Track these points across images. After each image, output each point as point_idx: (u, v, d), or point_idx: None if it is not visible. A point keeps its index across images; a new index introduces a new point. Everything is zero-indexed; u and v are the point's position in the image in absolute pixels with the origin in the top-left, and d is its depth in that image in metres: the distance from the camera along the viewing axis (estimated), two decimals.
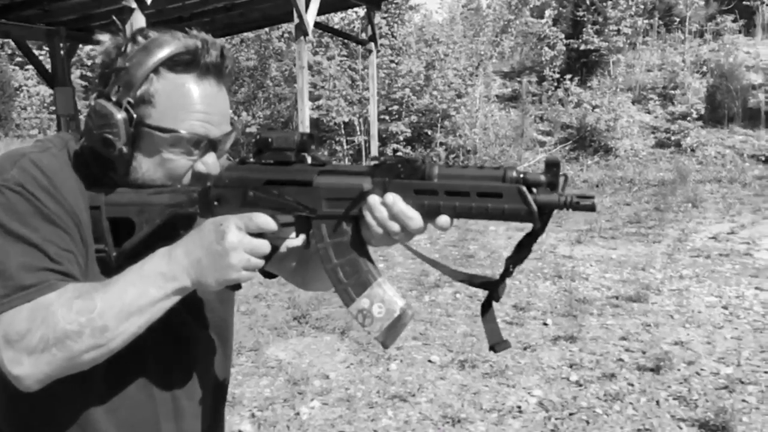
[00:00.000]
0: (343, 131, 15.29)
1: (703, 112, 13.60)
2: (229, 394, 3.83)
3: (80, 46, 10.39)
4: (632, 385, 3.86)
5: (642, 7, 16.01)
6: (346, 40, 14.89)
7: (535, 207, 0.88)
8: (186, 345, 1.19)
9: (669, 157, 13.18)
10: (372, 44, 10.53)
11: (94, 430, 1.09)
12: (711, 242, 7.16)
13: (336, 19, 15.67)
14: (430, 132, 14.88)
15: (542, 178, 0.88)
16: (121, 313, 0.94)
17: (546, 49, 15.67)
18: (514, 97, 15.91)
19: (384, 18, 15.20)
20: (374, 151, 11.33)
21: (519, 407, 3.65)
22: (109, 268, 1.05)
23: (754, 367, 4.03)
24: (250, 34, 16.16)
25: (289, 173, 1.03)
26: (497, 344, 1.00)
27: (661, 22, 17.39)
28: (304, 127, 7.96)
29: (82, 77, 28.21)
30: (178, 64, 1.02)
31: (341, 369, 4.24)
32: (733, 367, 4.03)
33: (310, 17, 7.65)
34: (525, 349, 4.45)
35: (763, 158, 12.48)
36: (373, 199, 0.95)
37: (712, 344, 4.40)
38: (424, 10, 16.93)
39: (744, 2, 18.16)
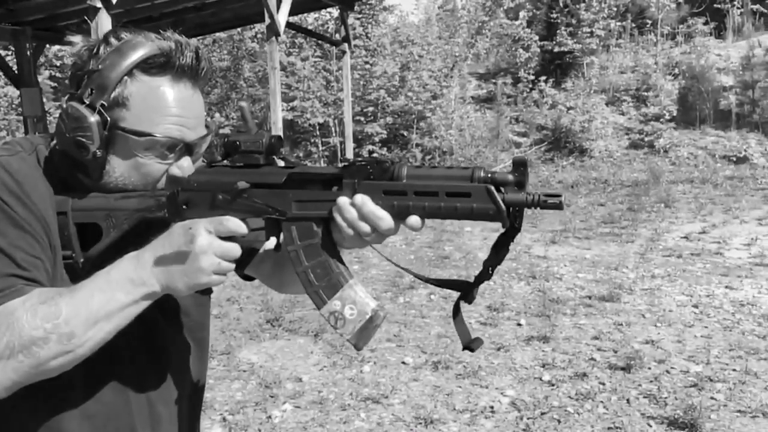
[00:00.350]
0: (318, 132, 15.25)
1: (675, 113, 13.78)
2: None
3: (47, 46, 10.19)
4: (603, 384, 3.87)
5: (615, 9, 16.19)
6: (320, 41, 14.84)
7: (503, 206, 0.87)
8: (162, 350, 1.17)
9: (642, 158, 13.33)
10: (345, 45, 10.50)
11: (64, 424, 1.07)
12: (683, 242, 7.24)
13: (310, 19, 15.61)
14: (406, 133, 14.90)
15: (510, 177, 0.88)
16: (89, 319, 0.92)
17: (521, 50, 15.77)
18: (490, 98, 15.99)
19: (358, 19, 15.18)
20: (349, 153, 11.30)
21: (491, 407, 3.64)
22: (77, 274, 1.03)
23: (723, 365, 4.07)
24: (222, 35, 16.05)
25: (258, 176, 1.01)
26: (471, 342, 0.99)
27: (633, 25, 17.59)
28: (277, 128, 7.91)
29: (51, 78, 27.82)
30: (152, 66, 1.00)
31: (314, 372, 4.20)
32: (702, 365, 4.07)
33: (282, 18, 7.59)
34: (498, 349, 4.45)
35: (734, 159, 12.67)
36: (343, 200, 0.94)
37: (683, 343, 4.43)
38: (398, 11, 16.91)
39: (715, 5, 18.46)
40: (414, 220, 0.92)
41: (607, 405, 3.62)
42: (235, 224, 0.95)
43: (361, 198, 0.93)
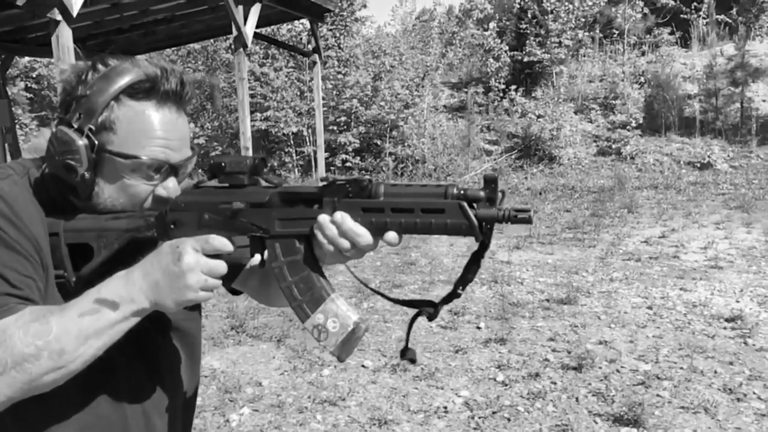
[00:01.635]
0: (292, 142, 15.32)
1: (641, 121, 14.07)
2: None
3: (15, 58, 10.17)
4: (555, 383, 3.99)
5: (583, 20, 16.49)
6: (293, 52, 14.94)
7: (475, 221, 0.92)
8: (156, 363, 1.21)
9: (610, 165, 13.59)
10: (316, 56, 10.60)
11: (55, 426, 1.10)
12: (642, 246, 7.42)
13: (283, 30, 15.70)
14: (379, 142, 15.02)
15: (481, 193, 0.93)
16: (79, 336, 0.95)
17: (491, 60, 16.00)
18: (462, 107, 16.18)
19: (330, 30, 15.31)
20: (321, 162, 11.38)
21: (445, 408, 3.74)
22: (69, 293, 1.06)
23: (671, 363, 4.21)
24: (196, 46, 16.09)
25: (242, 196, 1.05)
26: (406, 353, 1.05)
27: (602, 35, 17.92)
28: (246, 138, 7.97)
29: (27, 89, 27.60)
30: (138, 91, 1.04)
31: (275, 376, 4.28)
32: (651, 364, 4.21)
33: (249, 29, 7.68)
34: (456, 352, 4.55)
35: (698, 165, 12.96)
36: (323, 218, 0.98)
37: (634, 343, 4.57)
38: (370, 22, 17.07)
39: (681, 15, 18.87)
40: (391, 235, 0.96)
41: (556, 404, 3.74)
42: (221, 242, 1.00)
43: (340, 215, 0.97)
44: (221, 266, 1.00)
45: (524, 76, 16.07)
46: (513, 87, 15.38)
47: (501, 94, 15.64)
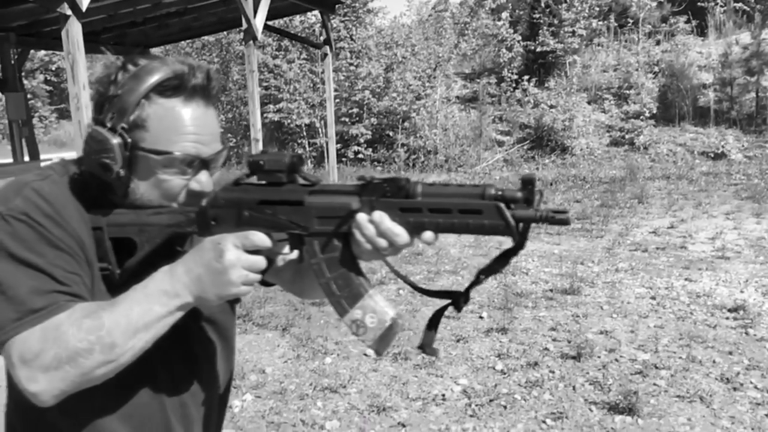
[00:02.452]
0: (304, 133, 15.40)
1: (655, 111, 13.97)
2: None
3: (32, 51, 10.32)
4: (553, 372, 4.04)
5: (597, 9, 16.37)
6: (305, 44, 15.00)
7: (512, 222, 0.93)
8: (193, 354, 1.25)
9: (623, 155, 13.52)
10: (327, 48, 10.65)
11: (103, 426, 1.15)
12: (650, 236, 7.42)
13: (296, 22, 15.76)
14: (391, 133, 15.06)
15: (519, 194, 0.93)
16: (128, 330, 0.99)
17: (504, 50, 15.94)
18: (474, 98, 16.15)
19: (343, 21, 15.34)
20: (332, 153, 11.45)
21: (443, 395, 3.81)
22: (114, 285, 1.11)
23: (670, 353, 4.24)
24: (210, 38, 16.19)
25: (281, 193, 1.08)
26: (429, 347, 1.07)
27: (616, 24, 17.78)
28: (256, 130, 8.05)
29: (46, 82, 27.94)
30: (167, 89, 1.07)
31: (278, 364, 4.36)
32: (650, 353, 4.24)
33: (259, 22, 7.75)
34: (458, 341, 4.61)
35: (712, 155, 12.86)
36: (362, 217, 1.00)
37: (635, 332, 4.60)
38: (382, 13, 17.06)
39: (698, 3, 18.66)
40: (429, 235, 0.99)
41: (553, 392, 3.79)
42: (260, 239, 1.03)
43: (379, 215, 0.99)
44: (261, 262, 1.03)
45: (537, 66, 16.00)
46: (526, 77, 15.32)
47: (513, 85, 15.58)
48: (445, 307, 1.07)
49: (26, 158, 8.86)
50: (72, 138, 25.62)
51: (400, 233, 0.99)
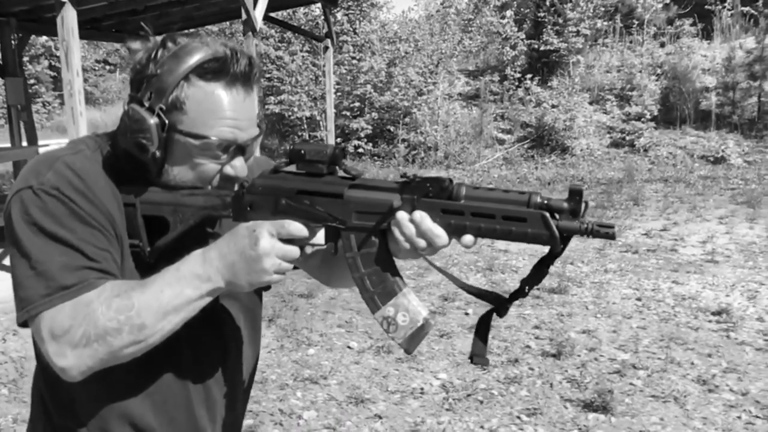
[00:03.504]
0: (305, 126, 15.43)
1: (657, 113, 13.95)
2: None
3: (33, 36, 10.36)
4: (532, 369, 4.07)
5: (602, 9, 16.34)
6: (306, 37, 15.01)
7: (557, 233, 0.92)
8: (219, 337, 1.25)
9: (623, 157, 13.52)
10: (328, 41, 10.66)
11: (129, 411, 1.16)
12: (642, 238, 7.44)
13: (300, 14, 15.77)
14: (392, 128, 15.08)
15: (565, 205, 0.92)
16: (159, 311, 0.99)
17: (507, 49, 15.94)
18: (477, 95, 16.16)
19: (346, 15, 15.35)
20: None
21: (422, 389, 3.85)
22: (143, 262, 1.11)
23: (650, 354, 4.27)
24: (214, 28, 16.20)
25: (320, 185, 1.06)
26: (479, 357, 1.05)
27: (622, 25, 17.75)
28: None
29: (51, 67, 27.98)
30: (207, 71, 1.05)
31: (262, 354, 4.38)
32: (630, 353, 4.27)
33: (258, 13, 7.77)
34: (442, 336, 4.65)
35: (712, 159, 12.85)
36: (402, 216, 0.99)
37: (617, 333, 4.63)
38: (386, 8, 17.04)
39: (706, 6, 18.62)
40: (469, 239, 0.97)
41: (530, 388, 3.82)
42: (297, 228, 1.02)
43: (419, 215, 0.98)
44: (294, 251, 1.03)
45: (541, 65, 16.00)
46: (529, 76, 15.32)
47: (516, 83, 15.58)
48: (489, 314, 1.05)
49: (24, 143, 8.91)
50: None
51: (440, 234, 0.97)
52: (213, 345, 1.24)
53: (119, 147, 1.11)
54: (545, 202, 0.93)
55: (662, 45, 16.87)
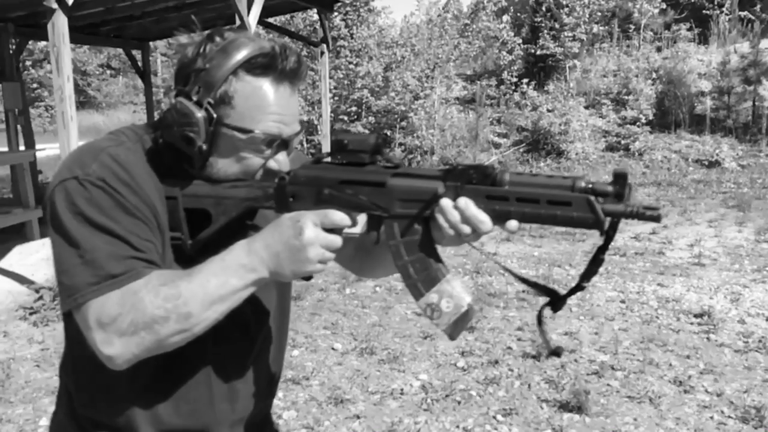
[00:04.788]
0: (303, 130, 15.51)
1: (652, 117, 14.01)
2: None
3: (30, 42, 10.45)
4: (512, 370, 4.13)
5: (599, 14, 16.42)
6: (307, 43, 15.09)
7: (603, 216, 0.92)
8: (245, 331, 1.25)
9: (617, 161, 13.57)
10: (323, 46, 10.75)
11: (150, 402, 1.17)
12: (631, 241, 7.49)
13: (297, 20, 15.87)
14: (389, 133, 15.15)
15: (610, 188, 0.93)
16: (205, 300, 1.00)
17: (504, 53, 16.02)
18: (474, 99, 16.23)
19: (344, 20, 15.44)
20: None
21: (402, 390, 3.91)
22: (184, 255, 1.13)
23: (629, 355, 4.33)
24: None
25: (363, 174, 1.08)
26: (548, 348, 1.06)
27: (619, 29, 17.83)
28: None
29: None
30: (255, 66, 1.07)
31: None
32: (610, 355, 4.33)
33: (252, 19, 7.86)
34: (425, 338, 4.71)
35: (706, 163, 12.89)
36: (446, 203, 1.00)
37: (599, 334, 4.69)
38: (384, 13, 17.12)
39: (704, 11, 18.70)
40: (513, 224, 0.98)
41: (508, 389, 3.88)
42: (340, 218, 1.03)
43: (464, 201, 0.99)
44: (338, 241, 1.04)
45: (537, 70, 16.08)
46: (525, 80, 15.40)
47: (513, 87, 15.66)
48: (542, 309, 1.06)
49: (21, 147, 9.00)
50: (77, 127, 25.84)
51: (485, 220, 0.98)
52: (239, 338, 1.24)
53: (161, 140, 1.12)
54: (590, 186, 0.93)
55: (659, 50, 16.95)
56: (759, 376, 3.98)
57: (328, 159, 1.13)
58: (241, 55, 1.06)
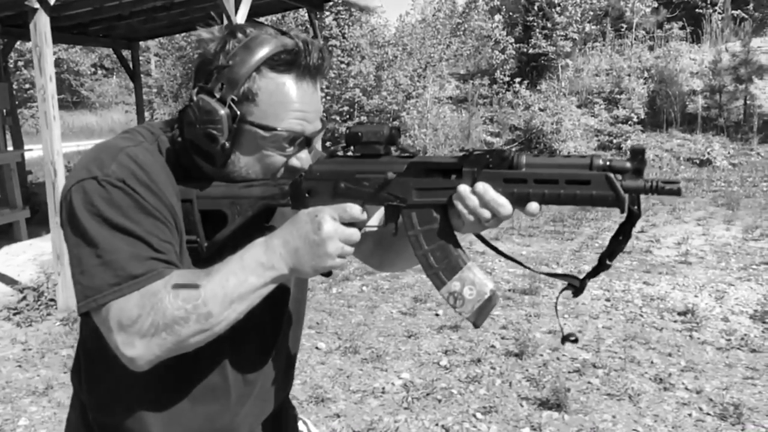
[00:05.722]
0: None
1: (643, 116, 14.03)
2: None
3: (18, 42, 10.42)
4: (494, 368, 4.14)
5: (591, 13, 16.44)
6: None
7: (622, 192, 0.91)
8: (261, 330, 1.25)
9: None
10: None
11: (165, 405, 1.17)
12: None
13: (289, 19, 15.85)
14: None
15: (628, 164, 0.92)
16: (224, 300, 0.99)
17: (497, 53, 16.03)
18: (467, 99, 16.24)
19: (336, 20, 15.43)
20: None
21: (383, 389, 3.91)
22: (199, 258, 1.12)
23: (611, 353, 4.34)
24: (205, 34, 16.26)
25: (379, 165, 1.07)
26: (564, 336, 1.06)
27: (612, 29, 17.85)
28: None
29: None
30: (279, 63, 1.06)
31: None
32: (592, 353, 4.33)
33: (240, 18, 7.84)
34: (409, 337, 4.71)
35: (698, 161, 12.91)
36: (464, 189, 0.99)
37: (582, 332, 4.70)
38: (378, 14, 17.09)
39: (697, 10, 18.73)
40: (534, 206, 0.97)
41: (489, 387, 3.89)
42: (357, 211, 1.03)
43: (482, 186, 0.98)
44: (357, 234, 1.04)
45: (530, 69, 16.09)
46: (518, 79, 15.41)
47: (506, 87, 15.67)
48: (560, 292, 1.07)
49: (10, 147, 8.97)
50: (70, 128, 25.76)
51: (504, 204, 0.98)
52: (255, 338, 1.24)
53: (179, 138, 1.11)
54: (608, 163, 0.93)
55: (651, 48, 16.98)
56: (739, 373, 3.99)
57: (342, 152, 1.13)
58: (264, 51, 1.05)
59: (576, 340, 1.06)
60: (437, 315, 5.17)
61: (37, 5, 4.73)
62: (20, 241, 7.02)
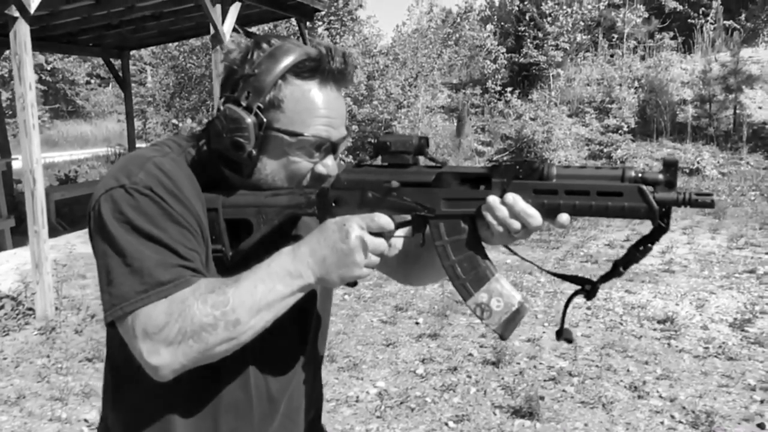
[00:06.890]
0: None
1: (634, 125, 14.08)
2: (88, 386, 4.00)
3: (7, 51, 10.43)
4: (470, 377, 4.13)
5: (582, 23, 16.52)
6: None
7: (655, 205, 0.92)
8: (285, 341, 1.22)
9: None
10: None
11: (188, 423, 1.15)
12: (605, 249, 7.51)
13: (281, 29, 15.90)
14: (373, 141, 15.17)
15: (660, 177, 0.92)
16: (252, 308, 0.99)
17: (488, 62, 16.10)
18: (458, 108, 16.28)
19: (327, 30, 15.49)
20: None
21: (357, 397, 3.90)
22: (225, 266, 1.11)
23: (588, 361, 4.33)
24: (197, 42, 16.32)
25: (407, 175, 1.06)
26: (561, 333, 1.07)
27: (604, 38, 17.93)
28: None
29: (41, 81, 28.11)
30: (303, 70, 1.07)
31: None
32: (569, 361, 4.33)
33: (227, 28, 7.86)
34: (388, 345, 4.70)
35: (688, 171, 12.94)
36: (494, 200, 0.99)
37: (560, 341, 4.68)
38: (370, 24, 17.16)
39: (689, 20, 18.84)
40: (564, 218, 0.97)
41: (464, 396, 3.88)
42: (386, 221, 1.03)
43: (512, 197, 0.98)
44: (384, 244, 1.03)
45: (521, 79, 16.15)
46: (509, 89, 15.46)
47: (497, 96, 15.72)
48: (573, 296, 1.06)
49: None
50: (64, 137, 25.77)
51: (534, 215, 0.97)
52: (278, 353, 1.21)
53: (205, 148, 1.12)
54: (640, 175, 0.93)
55: (642, 58, 17.06)
56: (715, 381, 3.99)
57: (370, 161, 1.13)
58: (290, 59, 1.06)
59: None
60: (417, 323, 5.17)
61: (17, 14, 4.74)
62: (4, 250, 7.00)
